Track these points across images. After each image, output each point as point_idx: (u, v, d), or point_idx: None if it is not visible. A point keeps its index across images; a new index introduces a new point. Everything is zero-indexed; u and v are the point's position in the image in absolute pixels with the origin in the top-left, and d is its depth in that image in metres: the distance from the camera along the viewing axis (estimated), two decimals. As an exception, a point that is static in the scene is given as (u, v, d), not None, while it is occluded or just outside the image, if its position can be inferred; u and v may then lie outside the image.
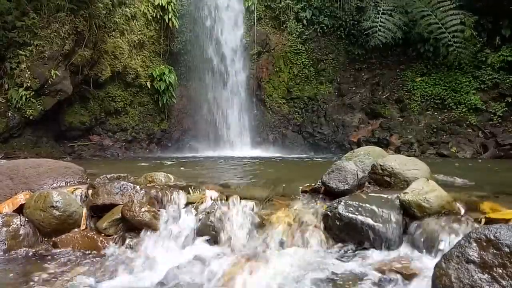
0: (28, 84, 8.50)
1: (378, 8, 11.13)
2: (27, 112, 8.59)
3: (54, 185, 3.46)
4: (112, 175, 3.58)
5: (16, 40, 8.43)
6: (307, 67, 12.84)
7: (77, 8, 9.01)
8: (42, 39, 8.64)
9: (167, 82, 11.21)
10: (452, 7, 10.65)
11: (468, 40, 10.79)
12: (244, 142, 12.47)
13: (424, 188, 2.89)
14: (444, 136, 10.78)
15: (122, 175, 3.60)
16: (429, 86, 11.54)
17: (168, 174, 3.70)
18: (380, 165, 3.61)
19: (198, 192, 3.36)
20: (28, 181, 3.38)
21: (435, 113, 11.40)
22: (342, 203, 2.84)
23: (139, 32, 11.08)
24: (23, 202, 3.13)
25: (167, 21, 11.12)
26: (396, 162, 3.59)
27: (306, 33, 12.70)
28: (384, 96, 12.09)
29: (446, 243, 2.46)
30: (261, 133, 12.83)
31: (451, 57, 10.92)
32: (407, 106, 11.65)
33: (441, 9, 10.74)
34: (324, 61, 12.77)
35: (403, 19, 11.02)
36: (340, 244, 2.76)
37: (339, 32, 12.53)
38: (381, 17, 10.97)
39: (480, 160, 9.30)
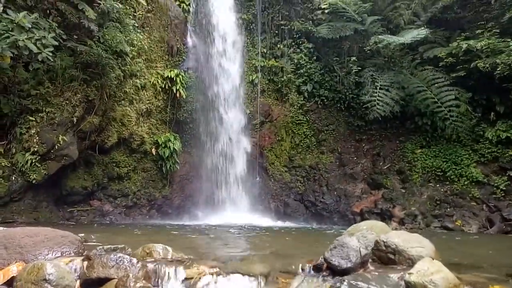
0: (35, 149, 8.65)
1: (375, 83, 11.70)
2: (30, 176, 8.63)
3: (50, 255, 3.37)
4: (109, 246, 3.50)
5: (29, 107, 8.78)
6: (309, 137, 13.14)
7: (90, 78, 9.52)
8: (53, 107, 8.98)
9: (172, 148, 11.42)
10: (447, 83, 11.19)
11: (464, 114, 11.15)
12: (246, 210, 12.30)
13: (430, 268, 2.80)
14: (448, 209, 10.63)
15: (120, 246, 3.52)
16: (430, 158, 11.66)
17: (166, 246, 3.62)
18: (384, 241, 3.54)
19: (196, 267, 3.25)
20: (23, 251, 3.30)
21: (437, 185, 11.36)
22: (345, 284, 2.74)
23: (148, 101, 11.56)
24: (15, 274, 3.03)
25: (174, 91, 11.67)
26: (400, 239, 3.52)
27: (307, 105, 13.22)
28: (385, 167, 12.17)
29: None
30: (263, 201, 12.72)
31: (448, 130, 11.20)
32: (409, 177, 11.66)
33: (435, 85, 11.28)
34: (325, 132, 13.10)
35: (400, 94, 11.52)
36: (344, 329, 2.61)
37: (339, 105, 13.04)
38: (379, 92, 11.48)
39: (486, 235, 9.07)
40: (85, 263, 3.24)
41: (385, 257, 3.45)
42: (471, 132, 11.31)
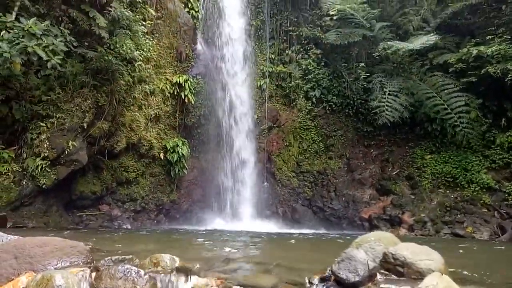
0: (46, 154, 8.77)
1: (384, 89, 11.63)
2: (40, 181, 8.74)
3: (59, 265, 3.41)
4: (117, 257, 3.53)
5: (39, 113, 8.90)
6: (316, 142, 13.10)
7: (100, 84, 9.63)
8: (64, 112, 9.10)
9: (180, 153, 11.48)
10: (456, 89, 11.07)
11: (474, 120, 11.02)
12: (253, 216, 12.30)
13: (439, 284, 2.77)
14: (459, 215, 10.49)
15: (127, 257, 3.54)
16: (439, 164, 11.53)
17: (174, 257, 3.62)
18: (392, 254, 3.50)
19: (203, 278, 3.25)
20: (32, 261, 3.34)
21: (447, 191, 11.23)
22: (353, 299, 2.71)
23: (156, 107, 11.64)
24: (24, 286, 3.06)
25: (183, 97, 11.75)
26: (409, 251, 3.48)
27: (315, 110, 13.19)
28: (394, 173, 12.07)
29: None
30: (270, 206, 12.70)
31: (458, 136, 11.06)
32: (418, 183, 11.55)
33: (445, 91, 11.17)
34: (333, 137, 13.05)
35: (409, 100, 11.43)
36: None
37: (347, 110, 12.98)
38: (387, 98, 11.40)
39: (498, 242, 8.92)
40: (94, 274, 3.26)
41: (393, 269, 3.42)
42: (482, 138, 11.18)
